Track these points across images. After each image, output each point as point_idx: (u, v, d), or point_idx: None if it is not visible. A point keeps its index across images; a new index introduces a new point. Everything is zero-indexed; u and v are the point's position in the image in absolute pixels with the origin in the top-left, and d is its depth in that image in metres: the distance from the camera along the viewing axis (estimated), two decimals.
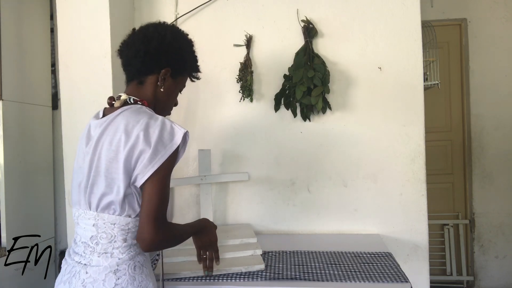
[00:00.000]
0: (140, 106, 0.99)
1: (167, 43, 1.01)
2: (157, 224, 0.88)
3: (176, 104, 1.14)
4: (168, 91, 1.06)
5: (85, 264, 0.93)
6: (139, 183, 0.90)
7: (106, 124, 0.95)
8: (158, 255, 1.52)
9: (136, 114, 0.94)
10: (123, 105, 0.99)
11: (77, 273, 0.92)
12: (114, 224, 0.93)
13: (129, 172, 0.90)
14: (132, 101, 1.00)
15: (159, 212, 0.89)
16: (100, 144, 0.94)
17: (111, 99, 1.02)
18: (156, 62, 1.01)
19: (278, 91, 1.70)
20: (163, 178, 0.90)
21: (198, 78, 1.15)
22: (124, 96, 1.00)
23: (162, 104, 1.06)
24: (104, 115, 1.01)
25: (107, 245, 0.93)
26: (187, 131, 0.95)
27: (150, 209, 0.88)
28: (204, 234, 1.16)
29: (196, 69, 1.13)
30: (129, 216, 0.93)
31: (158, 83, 1.03)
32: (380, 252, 1.43)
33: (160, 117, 0.95)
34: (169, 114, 1.13)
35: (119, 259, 0.92)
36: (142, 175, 0.89)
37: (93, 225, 0.94)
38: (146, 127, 0.91)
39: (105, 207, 0.92)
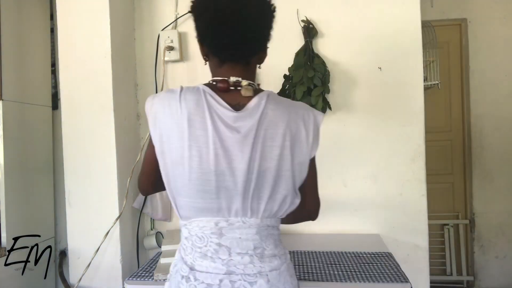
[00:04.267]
0: (270, 91, 0.87)
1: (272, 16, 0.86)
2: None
3: None
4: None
5: (256, 274, 0.80)
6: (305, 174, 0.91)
7: (258, 117, 0.80)
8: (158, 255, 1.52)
9: (288, 104, 0.87)
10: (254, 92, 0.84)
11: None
12: (275, 226, 0.86)
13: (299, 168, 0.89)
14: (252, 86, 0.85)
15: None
16: (259, 140, 0.79)
17: (225, 83, 0.82)
18: (268, 37, 0.87)
19: (278, 91, 1.70)
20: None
21: None
22: (245, 82, 0.83)
23: None
24: (230, 104, 0.81)
25: (274, 250, 0.84)
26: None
27: (316, 185, 1.01)
28: None
29: None
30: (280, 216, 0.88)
31: (259, 65, 0.91)
32: (380, 252, 1.43)
33: (305, 105, 0.91)
34: None
35: (286, 259, 0.87)
36: (306, 164, 0.92)
37: (256, 233, 0.82)
38: (313, 120, 0.90)
39: (276, 211, 0.84)
